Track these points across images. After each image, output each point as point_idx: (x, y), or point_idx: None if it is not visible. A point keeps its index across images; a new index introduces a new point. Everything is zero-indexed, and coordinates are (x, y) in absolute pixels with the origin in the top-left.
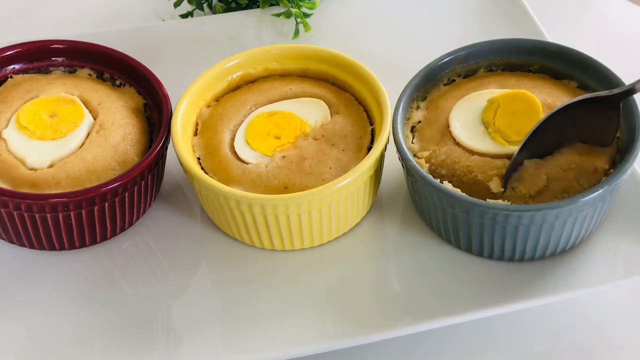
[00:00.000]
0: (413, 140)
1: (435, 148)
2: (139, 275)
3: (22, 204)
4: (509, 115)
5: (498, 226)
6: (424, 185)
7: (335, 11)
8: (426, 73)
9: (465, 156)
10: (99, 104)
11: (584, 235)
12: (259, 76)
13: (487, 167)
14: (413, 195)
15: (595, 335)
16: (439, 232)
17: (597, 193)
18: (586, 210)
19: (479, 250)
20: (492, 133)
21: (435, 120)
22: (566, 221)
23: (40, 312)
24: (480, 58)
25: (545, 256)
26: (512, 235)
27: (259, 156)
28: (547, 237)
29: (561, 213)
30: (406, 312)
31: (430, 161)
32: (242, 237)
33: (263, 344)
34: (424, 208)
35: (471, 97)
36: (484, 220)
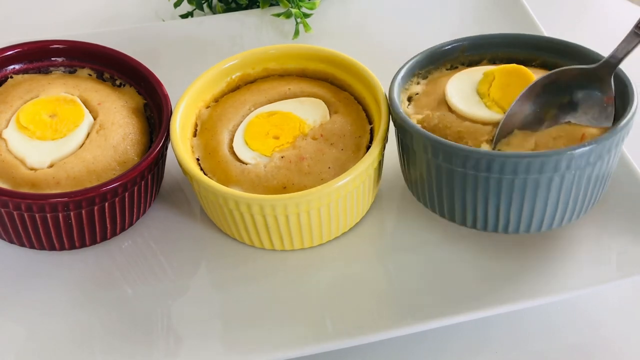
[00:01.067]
0: (408, 106)
1: (429, 113)
2: (138, 275)
3: (22, 204)
4: (504, 87)
5: (481, 178)
6: (412, 136)
7: (335, 11)
8: (429, 53)
9: (458, 122)
10: (99, 104)
11: (572, 212)
12: (258, 76)
13: (477, 133)
14: (403, 161)
15: (594, 335)
16: (431, 204)
17: (585, 148)
18: (573, 170)
19: (462, 218)
20: (487, 102)
21: (432, 92)
22: (552, 179)
23: (40, 312)
24: (484, 50)
25: (531, 229)
26: (495, 191)
27: (257, 156)
28: (532, 199)
29: (546, 164)
30: (406, 312)
31: (423, 124)
32: (242, 237)
33: (263, 344)
34: (412, 172)
35: (468, 71)
36: (466, 168)
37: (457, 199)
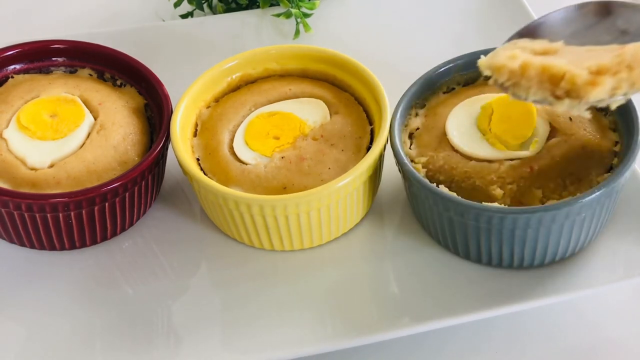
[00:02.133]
0: (411, 147)
1: (433, 154)
2: (139, 275)
3: (22, 204)
4: (505, 120)
5: (494, 230)
6: (420, 189)
7: (335, 11)
8: (425, 80)
9: (463, 162)
10: (100, 104)
11: (583, 242)
12: (259, 77)
13: (484, 172)
14: (411, 201)
15: (595, 336)
16: (437, 239)
17: (594, 195)
18: (583, 213)
19: (476, 257)
20: (490, 139)
21: (433, 127)
22: (563, 225)
23: (41, 312)
24: None
25: (544, 263)
26: (508, 239)
27: (258, 157)
28: (545, 242)
29: (557, 215)
30: (404, 314)
31: (428, 167)
32: (242, 238)
33: (262, 345)
34: (422, 214)
35: (466, 104)
36: (480, 223)
37: (471, 244)
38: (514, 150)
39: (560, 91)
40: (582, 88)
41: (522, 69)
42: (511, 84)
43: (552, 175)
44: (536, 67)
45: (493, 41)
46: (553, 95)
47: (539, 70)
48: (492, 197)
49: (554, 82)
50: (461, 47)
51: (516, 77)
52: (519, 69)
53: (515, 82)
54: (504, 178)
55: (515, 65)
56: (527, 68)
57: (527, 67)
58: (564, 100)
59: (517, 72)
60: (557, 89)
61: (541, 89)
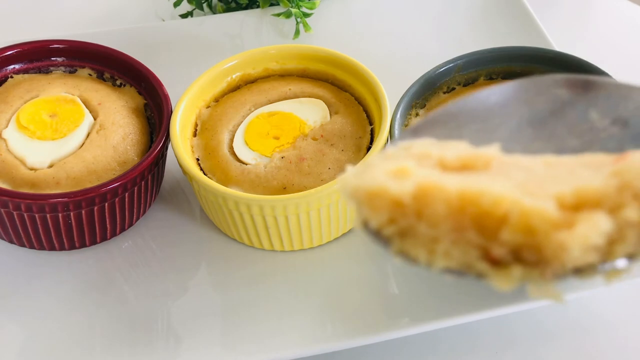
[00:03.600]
0: None
1: None
2: (138, 276)
3: (22, 204)
4: None
5: None
6: None
7: (335, 11)
8: (425, 80)
9: None
10: (99, 104)
11: None
12: (259, 76)
13: None
14: None
15: (596, 336)
16: None
17: None
18: None
19: None
20: None
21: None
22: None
23: (40, 312)
24: (480, 66)
25: None
26: None
27: (257, 157)
28: None
29: None
30: (405, 314)
31: None
32: (242, 238)
33: (262, 345)
34: None
35: None
36: None
37: None
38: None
39: (498, 249)
40: (547, 242)
41: (418, 198)
42: (396, 232)
43: None
44: (448, 195)
45: (494, 41)
46: (485, 258)
47: (455, 201)
48: None
49: (487, 229)
50: (461, 46)
51: (407, 217)
52: (411, 199)
53: (404, 227)
54: None
55: (405, 192)
56: (430, 197)
57: (429, 195)
58: (510, 271)
59: (409, 207)
60: (492, 245)
61: (459, 243)
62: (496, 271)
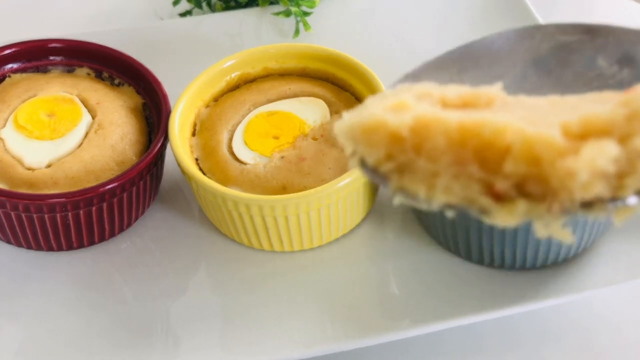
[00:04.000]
0: None
1: None
2: (137, 276)
3: (19, 205)
4: None
5: (496, 230)
6: None
7: (334, 10)
8: None
9: None
10: (98, 104)
11: (585, 243)
12: (258, 76)
13: None
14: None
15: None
16: (438, 240)
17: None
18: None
19: (478, 258)
20: None
21: None
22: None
23: (38, 313)
24: None
25: (546, 265)
26: (511, 241)
27: (257, 156)
28: (547, 243)
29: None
30: (405, 315)
31: None
32: (241, 239)
33: (261, 346)
34: (423, 215)
35: None
36: (482, 224)
37: (473, 245)
38: None
39: (502, 183)
40: (553, 170)
41: (417, 131)
42: (394, 168)
43: None
44: (448, 127)
45: None
46: (488, 193)
47: (455, 133)
48: None
49: (489, 162)
50: None
51: (405, 152)
52: (410, 133)
53: (403, 162)
54: None
55: (404, 125)
56: (430, 130)
57: (428, 127)
58: (515, 206)
59: (408, 140)
60: (495, 178)
61: (461, 178)
62: (500, 206)
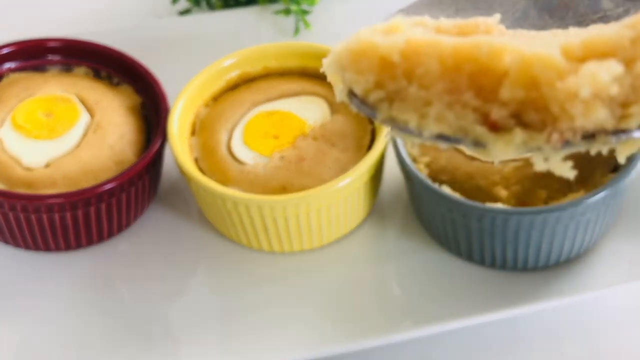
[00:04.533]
0: (413, 146)
1: (436, 154)
2: (136, 277)
3: (17, 205)
4: None
5: (497, 231)
6: (422, 189)
7: (334, 8)
8: None
9: (466, 162)
10: (96, 103)
11: (587, 243)
12: (258, 75)
13: (488, 172)
14: (413, 202)
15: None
16: (439, 241)
17: (598, 196)
18: (588, 214)
19: (480, 259)
20: None
21: None
22: (567, 225)
23: (36, 314)
24: None
25: (548, 265)
26: (512, 240)
27: (257, 156)
28: (549, 244)
29: (562, 216)
30: (406, 316)
31: (431, 167)
32: (240, 239)
33: (261, 347)
34: (424, 215)
35: None
36: (483, 224)
37: (474, 245)
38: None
39: (498, 111)
40: (553, 93)
41: (409, 55)
42: (384, 97)
43: (556, 176)
44: (442, 51)
45: None
46: (483, 122)
47: (450, 58)
48: (495, 198)
49: (485, 89)
50: None
51: (396, 79)
52: (401, 57)
53: (393, 90)
54: (508, 179)
55: (395, 48)
56: (422, 54)
57: (421, 51)
58: (512, 136)
59: (399, 66)
60: (492, 106)
61: (455, 106)
62: (496, 136)
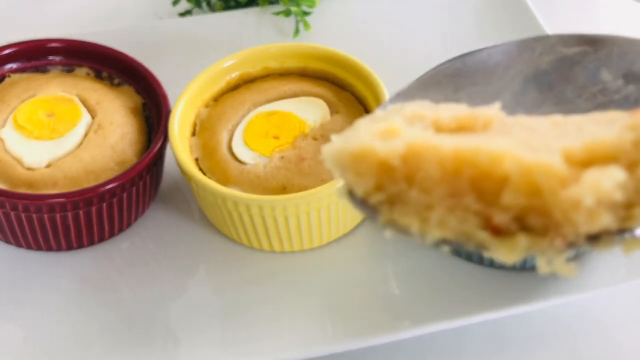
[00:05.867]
0: None
1: None
2: (137, 277)
3: (19, 205)
4: None
5: None
6: None
7: (335, 9)
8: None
9: None
10: (97, 103)
11: None
12: (258, 75)
13: None
14: None
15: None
16: None
17: None
18: None
19: (478, 258)
20: None
21: None
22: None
23: (37, 313)
24: None
25: None
26: None
27: (257, 157)
28: None
29: None
30: (406, 316)
31: None
32: (241, 239)
33: (261, 347)
34: None
35: None
36: None
37: None
38: None
39: (501, 216)
40: (555, 200)
41: (409, 160)
42: (385, 200)
43: None
44: (442, 155)
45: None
46: (486, 226)
47: (450, 162)
48: None
49: (486, 193)
50: (462, 45)
51: (396, 183)
52: (401, 162)
53: (394, 193)
54: None
55: (395, 153)
56: (422, 159)
57: (421, 155)
58: (515, 241)
59: (399, 170)
60: (493, 211)
61: (456, 211)
62: (499, 241)
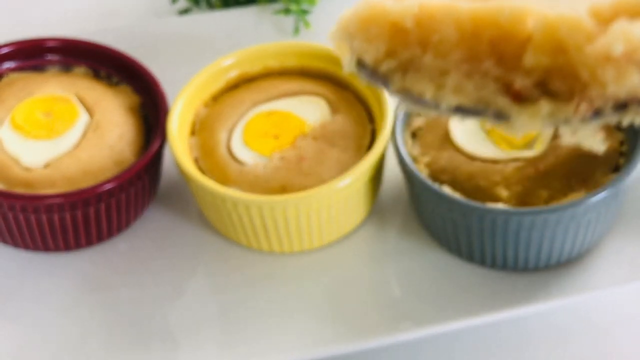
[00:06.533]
0: (413, 146)
1: (436, 154)
2: (135, 277)
3: (16, 205)
4: None
5: (498, 231)
6: (422, 189)
7: (334, 8)
8: None
9: (467, 162)
10: (96, 103)
11: (588, 243)
12: (257, 74)
13: (489, 172)
14: (414, 202)
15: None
16: (440, 241)
17: (599, 196)
18: (589, 214)
19: (480, 259)
20: (494, 138)
21: (435, 125)
22: (568, 226)
23: (35, 314)
24: None
25: (549, 266)
26: (513, 241)
27: (256, 156)
28: (550, 244)
29: (562, 216)
30: (406, 317)
31: (431, 167)
32: (240, 239)
33: (261, 348)
34: (425, 215)
35: None
36: (484, 224)
37: (475, 245)
38: (519, 149)
39: (522, 80)
40: (581, 57)
41: (423, 21)
42: (397, 67)
43: (557, 175)
44: (459, 15)
45: None
46: (506, 92)
47: (468, 23)
48: (496, 198)
49: (507, 56)
50: None
51: (409, 47)
52: (414, 23)
53: (407, 59)
54: (508, 179)
55: (408, 13)
56: (437, 20)
57: (436, 16)
58: (538, 106)
59: (412, 33)
60: (515, 74)
61: (474, 75)
62: (520, 108)
